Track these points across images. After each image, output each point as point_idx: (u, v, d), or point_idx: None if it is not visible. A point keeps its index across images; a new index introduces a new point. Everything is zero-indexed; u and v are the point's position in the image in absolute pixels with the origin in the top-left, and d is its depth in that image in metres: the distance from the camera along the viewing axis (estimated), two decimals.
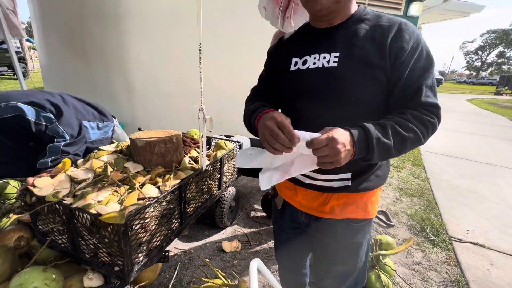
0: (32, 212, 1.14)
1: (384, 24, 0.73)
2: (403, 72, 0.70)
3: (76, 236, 1.13)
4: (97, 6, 3.00)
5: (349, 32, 0.76)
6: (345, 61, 0.73)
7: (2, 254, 1.12)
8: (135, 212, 1.06)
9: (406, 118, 0.69)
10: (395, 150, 0.67)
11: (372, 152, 0.66)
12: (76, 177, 1.22)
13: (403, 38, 0.70)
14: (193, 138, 1.87)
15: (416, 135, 0.68)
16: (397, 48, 0.70)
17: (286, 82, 0.86)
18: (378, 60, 0.70)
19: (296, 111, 0.83)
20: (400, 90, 0.72)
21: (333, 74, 0.74)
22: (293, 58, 0.84)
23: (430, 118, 0.70)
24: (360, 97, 0.73)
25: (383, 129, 0.67)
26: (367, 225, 0.90)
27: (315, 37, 0.82)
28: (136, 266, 1.13)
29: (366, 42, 0.72)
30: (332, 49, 0.76)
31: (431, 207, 2.80)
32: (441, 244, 2.18)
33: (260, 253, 1.97)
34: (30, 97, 1.37)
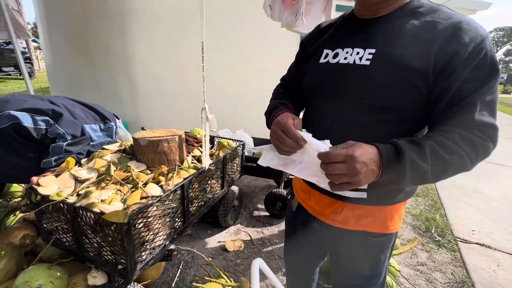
0: (37, 210, 1.15)
1: (438, 20, 0.60)
2: (453, 82, 0.57)
3: (80, 235, 1.14)
4: (101, 6, 3.02)
5: (392, 26, 0.65)
6: (380, 60, 0.64)
7: (8, 252, 1.14)
8: (138, 211, 1.06)
9: (452, 138, 0.57)
10: (432, 175, 0.56)
11: (404, 176, 0.55)
12: (80, 176, 1.23)
13: (460, 40, 0.56)
14: (196, 137, 1.87)
15: (461, 160, 0.56)
16: (450, 52, 0.57)
17: (311, 75, 0.79)
18: (419, 63, 0.59)
19: (317, 109, 0.77)
20: (447, 105, 0.59)
21: (363, 73, 0.65)
22: (325, 49, 0.75)
23: (483, 141, 0.57)
24: (390, 104, 0.63)
25: (419, 149, 0.56)
26: (388, 240, 0.80)
27: (353, 28, 0.72)
28: (139, 265, 1.14)
29: (409, 40, 0.61)
30: (369, 45, 0.66)
31: (436, 207, 2.77)
32: (447, 245, 2.15)
33: (263, 252, 1.96)
34: (22, 103, 1.33)
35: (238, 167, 2.16)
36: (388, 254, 0.84)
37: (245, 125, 3.10)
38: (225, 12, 3.15)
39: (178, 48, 3.15)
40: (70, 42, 3.31)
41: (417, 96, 0.62)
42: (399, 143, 0.57)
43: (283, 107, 0.81)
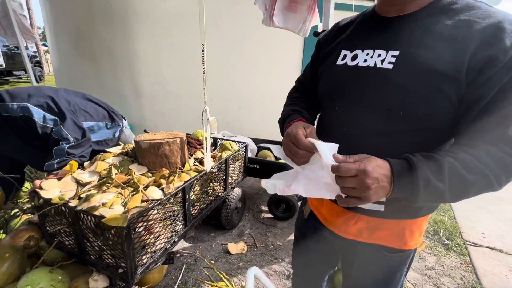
0: (40, 213, 1.17)
1: (475, 19, 0.53)
2: (488, 91, 0.51)
3: (81, 238, 1.14)
4: (105, 10, 3.05)
5: (420, 25, 0.58)
6: (404, 63, 0.57)
7: (11, 255, 1.15)
8: (138, 214, 1.06)
9: (477, 155, 0.51)
10: (450, 195, 0.51)
11: (417, 195, 0.51)
12: (82, 179, 1.24)
13: (500, 43, 0.50)
14: (198, 139, 1.87)
15: (486, 180, 0.50)
16: (486, 56, 0.50)
17: (327, 78, 0.73)
18: (450, 68, 0.53)
19: (332, 115, 0.72)
20: (478, 116, 0.52)
21: (385, 78, 0.59)
22: (343, 50, 0.70)
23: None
24: (414, 112, 0.57)
25: (437, 167, 0.51)
26: (406, 257, 0.74)
27: (375, 27, 0.66)
28: (140, 269, 1.14)
29: (440, 41, 0.55)
30: (392, 46, 0.60)
31: (445, 209, 2.70)
32: (456, 249, 2.09)
33: (266, 255, 1.94)
34: (40, 99, 1.42)
35: (241, 168, 2.15)
36: (405, 271, 0.78)
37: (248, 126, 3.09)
38: (228, 14, 3.15)
39: (181, 50, 3.16)
40: (76, 45, 3.37)
41: (445, 104, 0.55)
42: (413, 159, 0.52)
43: (296, 115, 0.76)
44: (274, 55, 3.26)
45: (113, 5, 3.08)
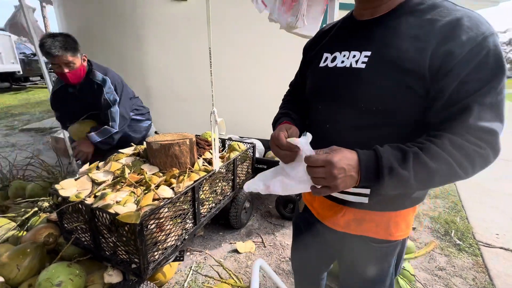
0: (58, 210, 1.23)
1: (437, 18, 0.57)
2: (449, 84, 0.54)
3: (97, 234, 1.20)
4: (116, 17, 3.16)
5: (389, 26, 0.62)
6: (375, 62, 0.62)
7: (32, 250, 1.22)
8: (150, 212, 1.10)
9: (440, 144, 0.54)
10: (416, 182, 0.54)
11: (382, 182, 0.55)
12: (97, 178, 1.30)
13: (456, 39, 0.53)
14: (207, 140, 1.91)
15: (450, 168, 0.53)
16: (444, 52, 0.54)
17: (312, 79, 0.79)
18: (415, 66, 0.57)
19: (317, 113, 0.77)
20: (442, 107, 0.56)
21: (358, 76, 0.64)
22: (324, 53, 0.75)
23: (478, 148, 0.53)
24: (386, 107, 0.61)
25: (402, 156, 0.55)
26: (392, 248, 0.77)
27: (352, 30, 0.71)
28: (152, 264, 1.18)
29: (405, 41, 0.59)
30: (364, 47, 0.65)
31: (457, 209, 2.65)
32: (468, 249, 2.05)
33: (274, 254, 1.96)
34: (116, 78, 1.80)
35: (249, 169, 2.18)
36: (393, 261, 0.81)
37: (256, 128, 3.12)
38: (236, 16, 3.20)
39: (190, 53, 3.23)
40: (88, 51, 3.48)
41: (414, 99, 0.59)
42: (379, 149, 0.56)
43: (284, 117, 0.82)
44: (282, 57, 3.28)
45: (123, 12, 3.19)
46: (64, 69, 1.54)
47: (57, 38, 1.50)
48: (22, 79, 10.54)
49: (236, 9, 3.15)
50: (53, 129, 5.06)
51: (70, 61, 1.53)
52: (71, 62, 1.54)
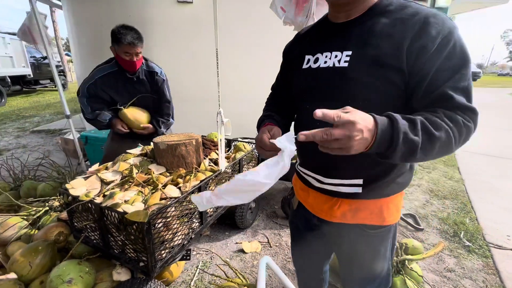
0: (68, 209, 1.26)
1: (407, 17, 0.63)
2: (427, 73, 0.61)
3: (106, 233, 1.22)
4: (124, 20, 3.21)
5: (365, 27, 0.68)
6: (357, 61, 0.67)
7: (44, 248, 1.25)
8: (157, 211, 1.12)
9: (439, 116, 0.59)
10: (421, 151, 0.57)
11: (395, 148, 0.54)
12: (106, 178, 1.32)
13: (428, 33, 0.60)
14: (213, 141, 1.93)
15: (448, 137, 0.57)
16: (419, 46, 0.60)
17: (296, 81, 0.83)
18: (393, 60, 0.62)
19: (305, 112, 0.80)
20: (425, 93, 0.62)
21: (343, 74, 0.69)
22: (306, 55, 0.79)
23: (466, 121, 0.59)
24: (371, 100, 0.67)
25: (411, 123, 0.56)
26: (386, 232, 0.82)
27: (330, 33, 0.76)
28: (159, 263, 1.20)
29: (382, 39, 0.64)
30: (345, 48, 0.70)
31: (466, 210, 2.60)
32: (477, 251, 2.01)
33: (280, 254, 1.96)
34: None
35: None
36: (389, 245, 0.86)
37: None
38: (241, 17, 3.22)
39: (196, 55, 3.26)
40: (97, 54, 3.55)
41: (396, 91, 0.65)
42: (394, 115, 0.56)
43: (267, 119, 0.86)
44: None
45: (131, 15, 3.24)
46: (134, 57, 1.74)
47: (133, 30, 1.72)
48: (32, 82, 10.79)
49: (241, 10, 3.18)
50: (62, 130, 5.17)
51: (139, 51, 1.75)
52: (140, 52, 1.77)
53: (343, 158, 0.59)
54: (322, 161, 0.79)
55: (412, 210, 2.59)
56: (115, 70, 1.82)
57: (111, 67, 1.83)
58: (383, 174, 0.75)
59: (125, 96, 1.88)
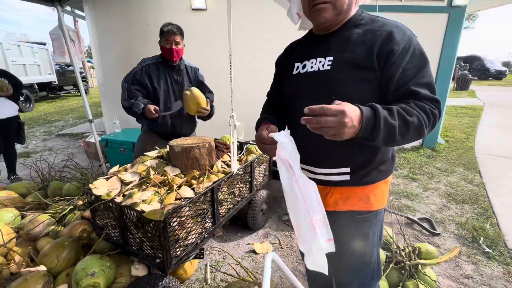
0: (91, 207, 1.35)
1: (375, 28, 0.79)
2: (395, 72, 0.74)
3: (125, 231, 1.30)
4: (142, 29, 3.37)
5: (343, 37, 0.82)
6: (337, 64, 0.80)
7: (69, 243, 1.35)
8: (173, 210, 1.19)
9: (410, 105, 0.72)
10: (398, 134, 0.68)
11: (378, 132, 0.66)
12: (125, 179, 1.41)
13: (393, 40, 0.74)
14: (225, 144, 1.99)
15: (419, 122, 0.70)
16: (387, 50, 0.74)
17: (287, 85, 0.95)
18: (367, 62, 0.76)
19: (296, 112, 0.90)
20: (395, 89, 0.75)
21: (327, 76, 0.81)
22: (295, 63, 0.92)
23: (432, 108, 0.72)
24: (352, 96, 0.76)
25: (389, 111, 0.69)
26: (373, 217, 0.92)
27: (314, 43, 0.90)
28: (174, 260, 1.26)
29: (357, 46, 0.78)
30: (327, 54, 0.83)
31: (486, 215, 2.50)
32: (498, 258, 1.93)
33: (291, 256, 1.98)
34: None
35: (266, 171, 2.23)
36: (377, 231, 0.95)
37: None
38: (253, 23, 3.29)
39: (208, 60, 3.36)
40: (117, 62, 3.75)
41: (371, 87, 0.78)
42: (375, 105, 0.68)
43: (264, 121, 0.96)
44: None
45: (148, 23, 3.40)
46: (173, 45, 1.95)
47: (174, 24, 1.98)
48: (57, 88, 11.42)
49: (253, 16, 3.24)
50: (84, 134, 5.45)
51: (179, 41, 1.97)
52: (179, 42, 1.98)
53: (331, 149, 0.81)
54: (312, 153, 0.89)
55: (428, 214, 2.53)
56: (159, 61, 2.05)
57: (157, 58, 2.06)
58: (367, 162, 0.86)
59: (164, 82, 2.04)
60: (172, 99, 2.05)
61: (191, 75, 2.14)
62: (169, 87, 2.03)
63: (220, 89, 3.31)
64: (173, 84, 2.06)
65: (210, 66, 3.38)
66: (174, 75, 2.05)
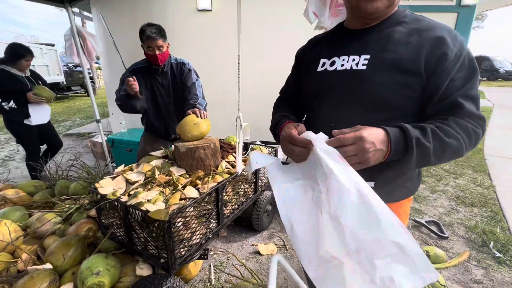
0: (97, 207, 1.36)
1: (422, 28, 0.69)
2: (443, 81, 0.65)
3: (130, 230, 1.31)
4: None
5: (383, 34, 0.72)
6: (375, 64, 0.70)
7: (75, 242, 1.35)
8: (177, 210, 1.18)
9: (448, 124, 0.63)
10: (434, 156, 0.61)
11: (411, 153, 0.59)
12: (131, 178, 1.41)
13: (445, 44, 0.65)
14: (231, 144, 1.98)
15: (458, 144, 0.62)
16: (439, 54, 0.65)
17: (311, 83, 0.85)
18: (412, 65, 0.66)
19: (320, 114, 0.82)
20: (439, 100, 0.66)
21: (361, 76, 0.72)
22: (322, 59, 0.82)
23: (475, 127, 0.64)
24: (388, 102, 0.69)
25: (422, 131, 0.61)
26: None
27: (347, 38, 0.79)
28: (179, 260, 1.26)
29: (400, 46, 0.69)
30: (363, 52, 0.73)
31: (497, 219, 2.44)
32: (509, 262, 1.88)
33: (296, 257, 1.96)
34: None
35: None
36: None
37: None
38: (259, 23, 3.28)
39: (214, 60, 3.37)
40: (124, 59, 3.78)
41: (412, 94, 0.69)
42: (403, 124, 0.62)
43: (285, 119, 0.86)
44: None
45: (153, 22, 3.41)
46: (156, 51, 1.87)
47: (153, 26, 1.86)
48: (65, 88, 11.60)
49: (259, 16, 3.24)
50: (91, 134, 5.52)
51: (161, 45, 1.87)
52: (162, 46, 1.88)
53: None
54: None
55: (436, 217, 2.48)
56: (145, 66, 2.03)
57: (143, 63, 2.05)
58: (393, 178, 0.77)
59: (149, 87, 2.03)
60: (160, 101, 2.08)
61: (177, 73, 2.06)
62: (154, 90, 2.04)
63: (226, 90, 3.31)
64: (159, 87, 2.05)
65: (216, 67, 3.39)
66: (159, 78, 2.04)
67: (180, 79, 2.06)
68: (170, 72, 2.06)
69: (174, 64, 2.08)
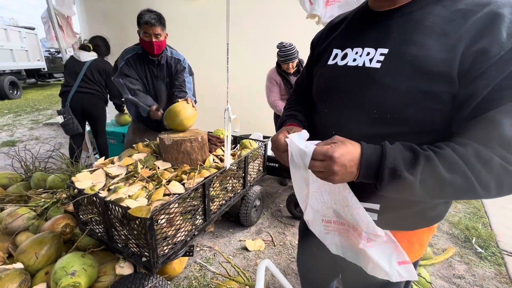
0: (74, 201, 1.27)
1: (472, 8, 0.47)
2: (481, 87, 0.46)
3: (110, 227, 1.23)
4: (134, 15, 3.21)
5: (412, 18, 0.53)
6: (392, 62, 0.54)
7: (49, 239, 1.27)
8: (160, 207, 1.11)
9: (463, 153, 0.46)
10: (423, 191, 0.48)
11: (381, 182, 0.49)
12: (111, 172, 1.33)
13: (494, 34, 0.44)
14: (219, 138, 1.91)
15: (466, 183, 0.45)
16: (478, 49, 0.45)
17: (320, 78, 0.71)
18: (440, 66, 0.48)
19: (323, 118, 0.69)
20: (471, 114, 0.48)
21: (371, 78, 0.56)
22: (335, 49, 0.66)
23: (506, 163, 0.44)
24: (402, 115, 0.53)
25: (411, 158, 0.48)
26: None
27: (366, 23, 0.62)
28: (162, 258, 1.20)
29: (431, 37, 0.50)
30: (381, 44, 0.56)
31: (479, 215, 2.51)
32: (490, 258, 1.94)
33: (284, 254, 1.94)
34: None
35: (260, 167, 2.17)
36: (403, 285, 0.73)
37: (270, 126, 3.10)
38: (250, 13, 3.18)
39: (204, 50, 3.25)
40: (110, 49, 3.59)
41: (436, 106, 0.51)
42: (386, 147, 0.50)
43: (290, 119, 0.77)
44: None
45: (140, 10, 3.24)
46: (153, 38, 1.75)
47: (153, 12, 1.76)
48: (47, 75, 11.05)
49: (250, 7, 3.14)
50: None
51: (159, 33, 1.76)
52: (160, 34, 1.77)
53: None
54: None
55: None
56: (140, 53, 1.89)
57: (138, 49, 1.90)
58: (403, 204, 0.61)
59: (144, 78, 1.93)
60: (152, 93, 1.98)
61: (172, 70, 1.99)
62: (148, 81, 1.95)
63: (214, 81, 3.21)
64: (153, 78, 1.96)
65: (204, 56, 3.28)
66: (154, 69, 1.95)
67: (174, 76, 2.01)
68: (165, 66, 1.98)
69: (170, 59, 1.99)
